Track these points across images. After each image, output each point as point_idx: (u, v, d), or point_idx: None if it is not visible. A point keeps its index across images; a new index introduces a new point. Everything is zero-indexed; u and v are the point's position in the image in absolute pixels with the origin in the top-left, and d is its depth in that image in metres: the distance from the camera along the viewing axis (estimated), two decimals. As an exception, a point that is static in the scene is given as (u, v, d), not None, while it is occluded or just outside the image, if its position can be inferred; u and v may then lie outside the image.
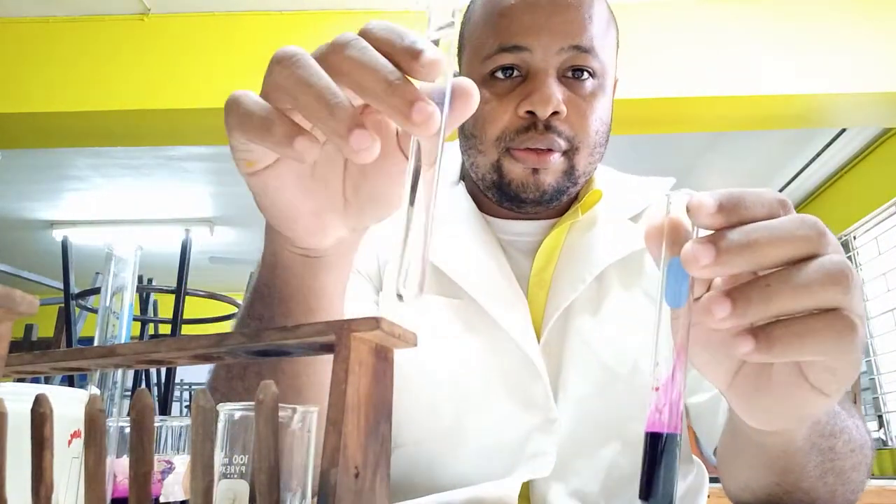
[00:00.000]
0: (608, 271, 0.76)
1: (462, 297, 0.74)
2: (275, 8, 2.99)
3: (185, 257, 2.36)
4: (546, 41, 0.70)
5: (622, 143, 3.85)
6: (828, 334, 0.31)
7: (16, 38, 3.02)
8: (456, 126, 0.36)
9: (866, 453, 0.55)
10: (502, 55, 0.71)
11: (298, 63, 0.34)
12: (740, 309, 0.31)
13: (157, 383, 2.75)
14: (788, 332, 0.31)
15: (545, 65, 0.70)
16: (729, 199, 0.32)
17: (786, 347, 0.31)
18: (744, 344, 0.32)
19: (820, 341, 0.32)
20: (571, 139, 0.72)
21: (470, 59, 0.76)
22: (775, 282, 0.31)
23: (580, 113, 0.72)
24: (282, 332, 0.27)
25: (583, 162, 0.73)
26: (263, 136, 0.34)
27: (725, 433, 0.61)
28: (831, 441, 0.50)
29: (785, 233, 0.31)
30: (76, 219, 5.41)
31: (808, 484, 0.51)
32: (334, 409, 0.25)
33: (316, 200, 0.41)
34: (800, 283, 0.31)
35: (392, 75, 0.32)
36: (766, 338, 0.31)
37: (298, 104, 0.33)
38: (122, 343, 0.39)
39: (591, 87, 0.73)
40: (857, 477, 0.54)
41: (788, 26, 2.96)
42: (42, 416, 0.28)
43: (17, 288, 0.24)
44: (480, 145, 0.74)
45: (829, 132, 3.99)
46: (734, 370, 0.38)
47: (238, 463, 0.30)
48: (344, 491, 0.24)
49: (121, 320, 0.44)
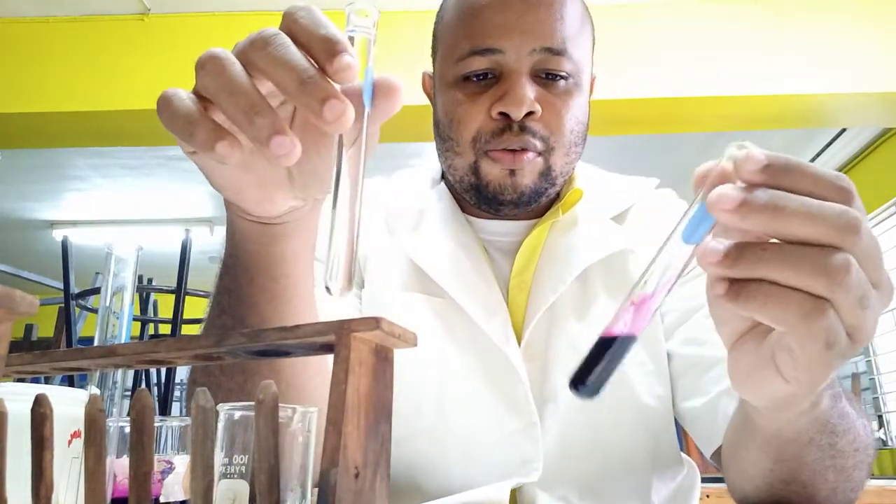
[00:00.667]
0: (591, 272, 0.75)
1: (444, 295, 0.74)
2: (274, 8, 2.99)
3: (185, 257, 2.36)
4: (518, 42, 0.70)
5: (622, 143, 3.87)
6: (793, 309, 0.32)
7: (16, 38, 3.02)
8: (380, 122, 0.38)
9: (870, 453, 0.55)
10: (475, 58, 0.71)
11: (221, 67, 0.35)
12: (730, 259, 0.32)
13: (157, 383, 2.75)
14: (760, 290, 0.32)
15: (518, 66, 0.70)
16: (779, 162, 0.32)
17: (750, 301, 0.32)
18: (718, 286, 0.33)
19: (783, 311, 0.32)
20: (546, 139, 0.71)
21: (443, 59, 0.76)
22: (773, 251, 0.32)
23: (555, 112, 0.71)
24: (281, 332, 0.27)
25: (559, 162, 0.73)
26: (186, 138, 0.35)
27: (732, 417, 0.61)
28: (832, 438, 0.50)
29: (818, 215, 0.31)
30: (76, 219, 5.41)
31: (807, 477, 0.51)
32: (334, 409, 0.25)
33: (257, 174, 0.42)
34: (793, 261, 0.31)
35: (306, 73, 0.33)
36: (738, 287, 0.33)
37: (221, 109, 0.35)
38: (122, 343, 0.39)
39: (564, 86, 0.72)
40: (859, 475, 0.54)
41: (788, 26, 2.96)
42: (42, 416, 0.28)
43: (17, 288, 0.24)
44: (457, 147, 0.74)
45: (829, 132, 3.99)
46: (738, 333, 0.39)
47: (238, 463, 0.30)
48: (344, 491, 0.24)
49: (121, 320, 0.45)
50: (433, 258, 0.75)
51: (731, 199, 0.31)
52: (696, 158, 2.77)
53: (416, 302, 0.75)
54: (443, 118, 0.75)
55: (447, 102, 0.74)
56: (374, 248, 0.79)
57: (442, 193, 0.82)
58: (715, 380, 0.69)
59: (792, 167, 0.32)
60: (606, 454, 0.71)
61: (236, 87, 0.34)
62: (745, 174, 0.32)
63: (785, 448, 0.49)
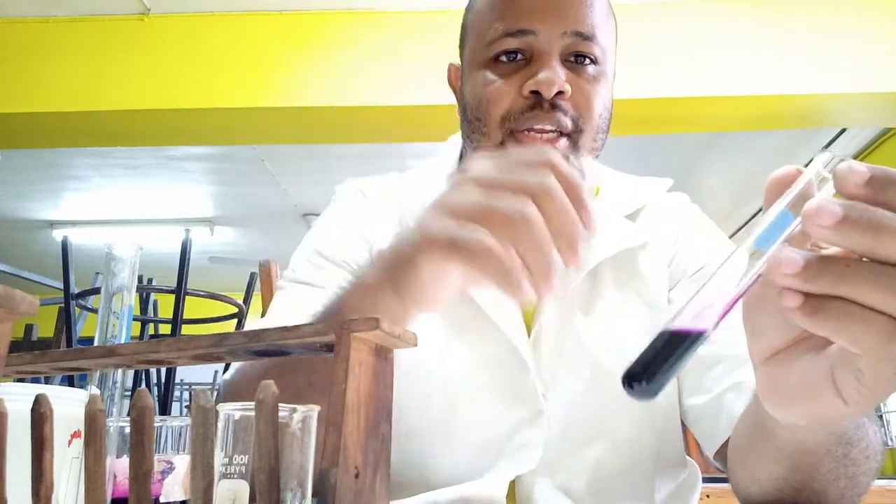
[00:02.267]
0: (602, 268, 0.75)
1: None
2: (275, 8, 2.99)
3: (185, 257, 2.36)
4: (550, 24, 0.71)
5: (622, 143, 3.85)
6: (874, 332, 0.30)
7: (16, 38, 3.02)
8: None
9: (879, 459, 0.55)
10: (507, 39, 0.72)
11: (513, 224, 0.43)
12: (809, 273, 0.30)
13: (157, 383, 2.74)
14: (842, 309, 0.30)
15: (549, 47, 0.71)
16: (882, 176, 0.30)
17: (830, 320, 0.30)
18: (791, 298, 0.30)
19: (864, 334, 0.30)
20: (576, 120, 0.72)
21: (474, 44, 0.77)
22: (857, 268, 0.30)
23: (584, 94, 0.72)
24: (281, 332, 0.27)
25: (587, 146, 0.73)
26: (500, 282, 0.43)
27: (742, 420, 0.61)
28: (847, 448, 0.49)
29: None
30: (76, 219, 5.41)
31: (819, 486, 0.51)
32: (334, 409, 0.25)
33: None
34: (880, 282, 0.30)
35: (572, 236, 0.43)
36: (816, 303, 0.30)
37: (521, 253, 0.43)
38: (122, 343, 0.39)
39: (593, 71, 0.74)
40: (866, 481, 0.54)
41: (788, 26, 2.96)
42: (42, 416, 0.28)
43: (17, 288, 0.24)
44: (484, 128, 0.74)
45: (829, 132, 3.99)
46: (775, 348, 0.37)
47: (238, 463, 0.30)
48: (344, 491, 0.24)
49: (121, 320, 0.44)
50: None
51: (832, 214, 0.29)
52: (696, 158, 2.78)
53: None
54: (471, 100, 0.76)
55: (477, 84, 0.75)
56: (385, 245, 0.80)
57: None
58: (718, 377, 0.69)
59: (893, 180, 0.30)
60: (609, 447, 0.71)
61: (537, 239, 0.43)
62: (849, 187, 0.30)
63: (801, 458, 0.49)
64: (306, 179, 4.78)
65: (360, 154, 4.09)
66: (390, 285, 0.50)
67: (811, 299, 0.30)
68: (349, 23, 3.01)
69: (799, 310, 0.30)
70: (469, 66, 0.78)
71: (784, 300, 0.31)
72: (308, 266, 0.78)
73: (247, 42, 2.96)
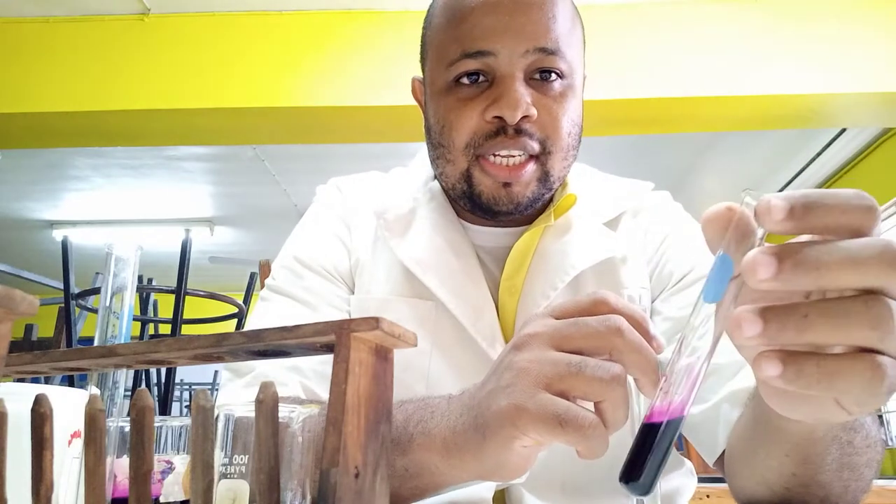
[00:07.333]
0: (583, 278, 0.74)
1: (432, 298, 0.73)
2: (275, 8, 2.99)
3: (185, 257, 2.36)
4: (510, 43, 0.68)
5: (622, 143, 3.86)
6: (857, 381, 0.30)
7: (16, 38, 3.02)
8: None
9: (878, 450, 0.55)
10: (466, 61, 0.69)
11: (611, 377, 0.41)
12: (772, 332, 0.30)
13: (157, 383, 2.74)
14: (819, 371, 0.30)
15: (511, 68, 0.68)
16: (802, 203, 0.29)
17: (812, 384, 0.30)
18: (769, 367, 0.30)
19: (848, 383, 0.30)
20: (544, 142, 0.70)
21: (433, 65, 0.74)
22: (814, 314, 0.30)
23: (551, 114, 0.70)
24: (281, 332, 0.27)
25: (557, 166, 0.72)
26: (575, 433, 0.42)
27: (743, 424, 0.60)
28: (851, 435, 0.50)
29: (859, 261, 0.29)
30: (76, 219, 5.41)
31: (825, 477, 0.51)
32: (334, 409, 0.25)
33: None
34: (840, 322, 0.29)
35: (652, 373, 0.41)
36: (796, 369, 0.30)
37: (602, 407, 0.42)
38: (122, 343, 0.39)
39: (559, 87, 0.71)
40: (869, 474, 0.54)
41: (788, 26, 2.96)
42: (42, 416, 0.28)
43: (17, 288, 0.24)
44: (449, 154, 0.73)
45: (829, 132, 3.99)
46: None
47: (238, 463, 0.30)
48: (344, 491, 0.24)
49: (121, 320, 0.44)
50: (423, 261, 0.74)
51: (767, 268, 0.29)
52: (695, 158, 2.78)
53: (402, 307, 0.74)
54: (434, 125, 0.74)
55: (439, 109, 0.73)
56: (364, 252, 0.79)
57: (434, 192, 0.81)
58: (713, 388, 0.68)
59: (813, 203, 0.29)
60: (590, 460, 0.70)
61: (627, 405, 0.42)
62: (772, 225, 0.30)
63: (811, 448, 0.49)
64: (306, 179, 4.78)
65: (360, 154, 4.09)
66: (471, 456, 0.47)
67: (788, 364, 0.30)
68: (349, 23, 3.01)
69: (780, 379, 0.30)
70: (431, 88, 0.76)
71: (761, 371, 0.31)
72: (287, 274, 0.77)
73: (247, 42, 2.96)
